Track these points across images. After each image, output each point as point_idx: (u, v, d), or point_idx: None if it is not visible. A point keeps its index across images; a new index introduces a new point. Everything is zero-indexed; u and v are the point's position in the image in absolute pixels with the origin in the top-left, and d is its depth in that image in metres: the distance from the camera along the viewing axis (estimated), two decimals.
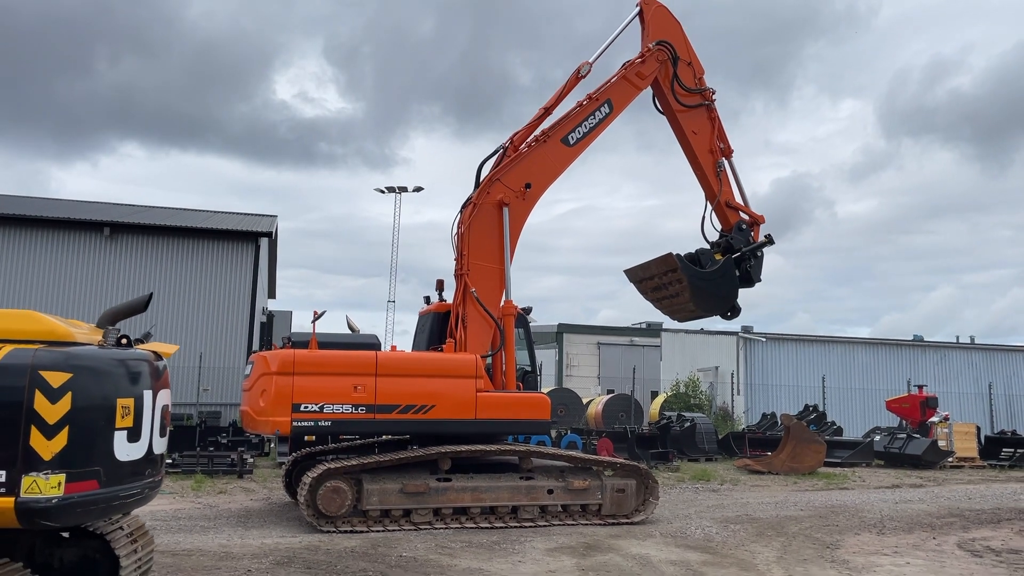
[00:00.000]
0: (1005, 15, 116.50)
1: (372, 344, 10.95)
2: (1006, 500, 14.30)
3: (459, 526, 10.15)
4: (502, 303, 11.81)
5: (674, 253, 12.99)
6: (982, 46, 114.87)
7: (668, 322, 46.30)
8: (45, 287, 24.04)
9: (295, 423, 9.91)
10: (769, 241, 13.72)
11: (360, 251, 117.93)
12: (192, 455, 15.38)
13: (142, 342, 5.70)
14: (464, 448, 10.48)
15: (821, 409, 24.95)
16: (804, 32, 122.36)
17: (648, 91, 13.55)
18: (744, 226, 13.73)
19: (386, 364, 10.49)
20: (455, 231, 12.15)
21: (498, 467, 11.05)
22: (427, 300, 12.89)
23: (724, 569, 8.24)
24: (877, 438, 21.40)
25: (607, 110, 12.90)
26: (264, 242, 27.64)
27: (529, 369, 12.30)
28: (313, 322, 10.53)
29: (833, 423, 23.91)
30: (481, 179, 12.23)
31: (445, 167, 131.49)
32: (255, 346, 25.76)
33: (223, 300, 25.45)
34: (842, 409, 28.67)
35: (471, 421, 10.70)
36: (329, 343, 10.59)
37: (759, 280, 13.81)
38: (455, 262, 12.05)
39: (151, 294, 6.14)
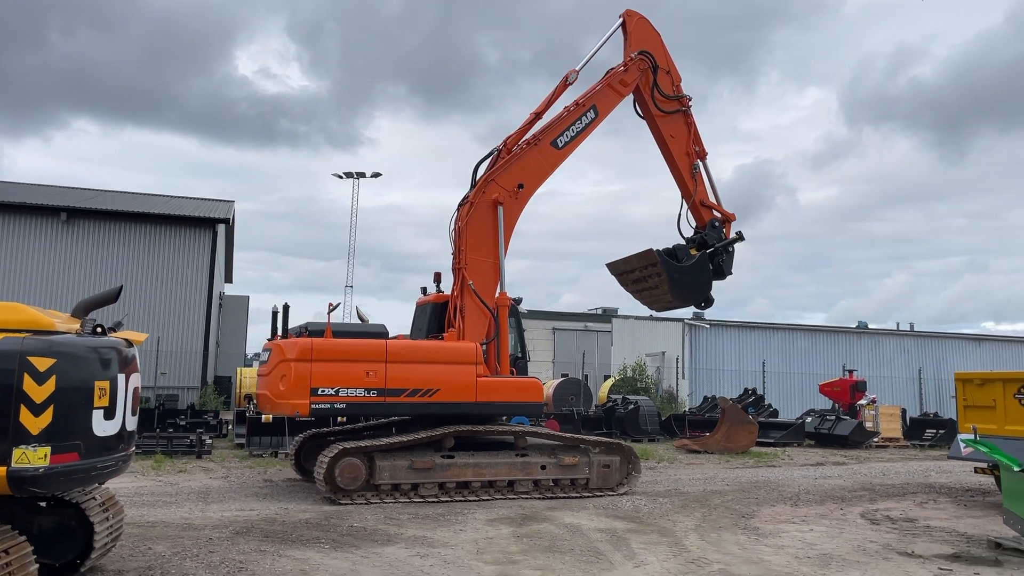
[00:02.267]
0: (968, 5, 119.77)
1: (381, 333, 11.89)
2: (917, 476, 15.50)
3: (462, 499, 11.16)
4: (497, 295, 12.76)
5: (654, 249, 14.07)
6: (945, 36, 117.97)
7: (621, 308, 47.03)
8: (1, 272, 24.13)
9: (313, 405, 10.81)
10: (740, 238, 14.85)
11: (321, 233, 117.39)
12: (151, 436, 15.87)
13: (114, 330, 6.34)
14: (466, 428, 11.56)
15: (760, 392, 26.17)
16: (774, 19, 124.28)
17: (629, 97, 14.47)
18: (717, 223, 14.83)
19: (395, 351, 11.42)
20: (453, 227, 12.98)
21: (495, 445, 12.07)
22: (424, 291, 13.80)
23: (646, 535, 9.12)
24: (809, 419, 22.66)
25: (592, 115, 13.80)
26: (221, 228, 27.95)
27: (520, 355, 13.26)
28: (328, 313, 11.45)
29: (770, 406, 25.14)
30: (477, 179, 13.11)
31: (410, 148, 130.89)
32: (250, 333, 26.14)
33: (180, 286, 25.76)
34: (781, 392, 30.06)
35: (472, 403, 11.70)
36: (343, 332, 11.49)
37: (730, 273, 15.01)
38: (453, 256, 12.90)
39: (121, 286, 6.76)
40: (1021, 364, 34.16)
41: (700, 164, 14.80)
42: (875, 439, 21.80)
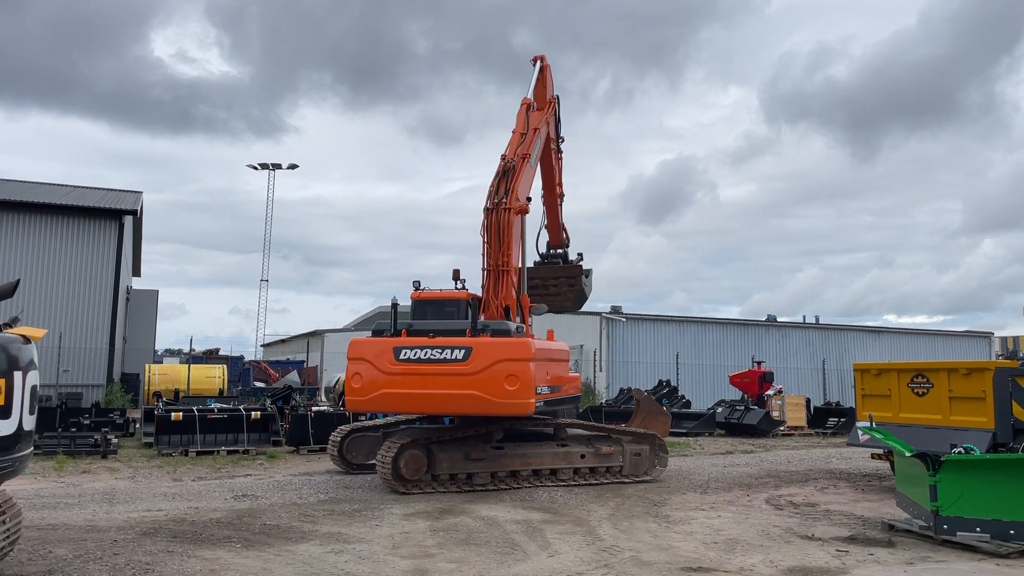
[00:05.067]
0: (887, 6, 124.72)
1: (521, 331, 12.22)
2: (819, 463, 16.20)
3: (518, 487, 11.90)
4: (520, 296, 13.47)
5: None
6: (863, 36, 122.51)
7: None
8: None
9: (536, 404, 11.46)
10: (581, 257, 17.08)
11: (239, 226, 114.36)
12: (53, 436, 15.25)
13: (10, 326, 6.08)
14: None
15: (674, 384, 26.83)
16: (701, 16, 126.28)
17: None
18: (568, 244, 16.94)
19: (557, 352, 12.65)
20: (486, 231, 13.47)
21: (535, 437, 12.75)
22: (417, 285, 13.79)
23: (561, 526, 9.27)
24: (719, 410, 23.38)
25: (541, 143, 14.94)
26: (129, 220, 26.99)
27: None
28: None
29: (683, 397, 25.81)
30: (505, 189, 13.65)
31: (335, 139, 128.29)
32: (159, 328, 25.24)
33: (84, 280, 24.76)
34: (693, 384, 30.88)
35: (571, 396, 13.17)
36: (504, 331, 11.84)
37: None
38: (487, 258, 13.39)
39: (18, 280, 6.50)
40: (916, 355, 36.01)
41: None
42: (781, 428, 22.65)
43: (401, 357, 11.47)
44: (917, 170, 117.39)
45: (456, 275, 13.84)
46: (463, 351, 11.36)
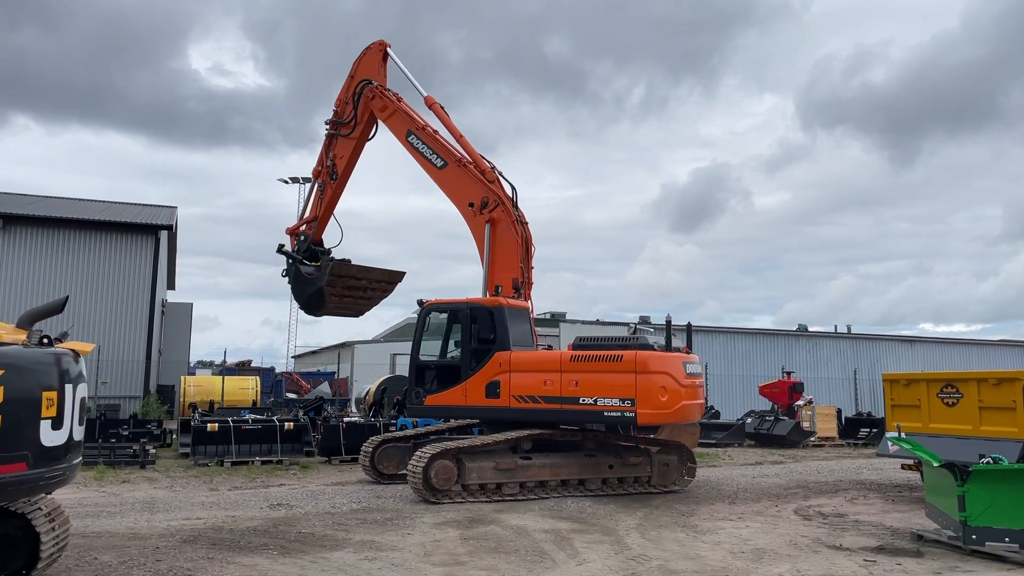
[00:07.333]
0: (928, 8, 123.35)
1: (647, 345, 12.75)
2: (849, 474, 16.13)
3: (549, 496, 12.06)
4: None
5: None
6: (903, 39, 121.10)
7: (568, 313, 47.54)
8: None
9: None
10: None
11: (272, 238, 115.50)
12: (93, 447, 15.62)
13: (60, 341, 6.37)
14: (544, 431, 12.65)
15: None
16: (737, 23, 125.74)
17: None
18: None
19: None
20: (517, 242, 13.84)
21: (563, 447, 12.86)
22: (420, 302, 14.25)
23: (589, 535, 9.39)
24: (749, 420, 23.31)
25: None
26: (164, 234, 27.57)
27: None
28: (669, 329, 13.05)
29: (712, 407, 25.76)
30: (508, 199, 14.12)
31: (369, 149, 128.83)
32: (194, 340, 25.76)
33: (122, 294, 25.32)
34: (723, 394, 30.77)
35: None
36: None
37: None
38: (526, 270, 13.75)
39: (67, 297, 6.79)
40: (951, 364, 35.57)
41: None
42: (812, 438, 22.53)
43: (688, 371, 12.29)
44: (956, 175, 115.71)
45: (515, 285, 14.01)
46: (698, 365, 12.70)
